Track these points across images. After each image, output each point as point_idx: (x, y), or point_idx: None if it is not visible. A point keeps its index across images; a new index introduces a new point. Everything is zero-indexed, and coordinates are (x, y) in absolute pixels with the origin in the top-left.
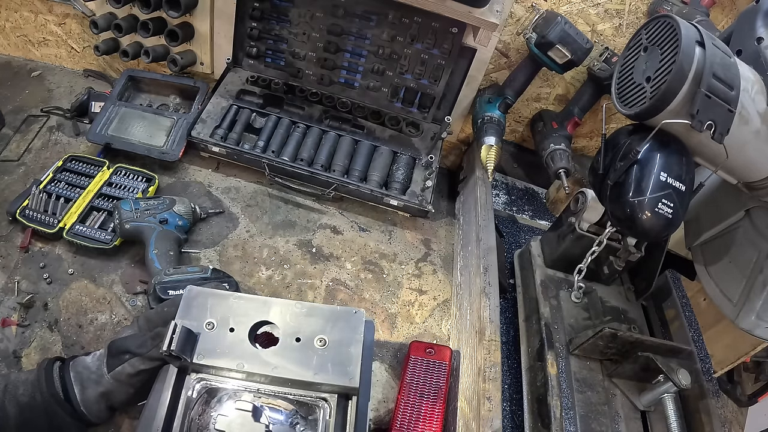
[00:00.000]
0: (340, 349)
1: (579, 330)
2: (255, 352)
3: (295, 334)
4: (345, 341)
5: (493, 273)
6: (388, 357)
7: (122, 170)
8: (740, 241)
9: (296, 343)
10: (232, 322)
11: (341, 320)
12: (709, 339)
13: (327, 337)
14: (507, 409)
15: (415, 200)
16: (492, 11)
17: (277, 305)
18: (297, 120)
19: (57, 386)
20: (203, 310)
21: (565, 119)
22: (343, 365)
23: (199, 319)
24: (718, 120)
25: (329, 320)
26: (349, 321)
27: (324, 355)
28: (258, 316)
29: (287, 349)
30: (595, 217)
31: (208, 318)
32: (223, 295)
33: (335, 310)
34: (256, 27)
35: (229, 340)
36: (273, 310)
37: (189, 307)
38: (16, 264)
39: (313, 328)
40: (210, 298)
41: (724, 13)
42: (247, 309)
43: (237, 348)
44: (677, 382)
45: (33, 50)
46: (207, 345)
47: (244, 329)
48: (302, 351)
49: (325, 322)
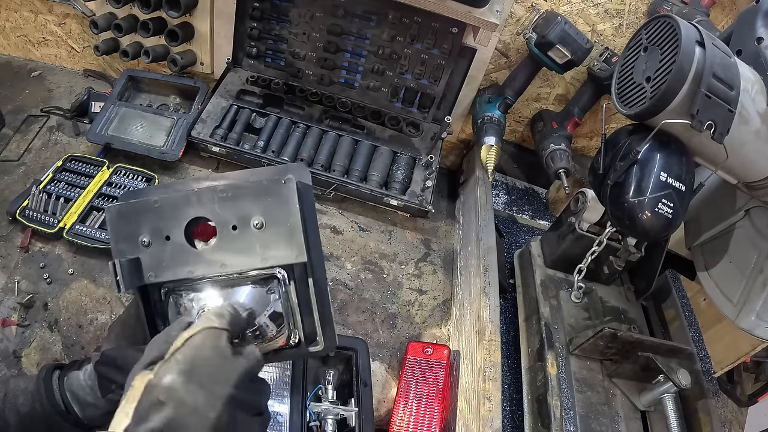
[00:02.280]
0: (279, 227)
1: (579, 330)
2: (197, 254)
3: (229, 222)
4: (281, 217)
5: (493, 273)
6: (387, 357)
7: (122, 170)
8: (740, 241)
9: (234, 232)
10: (164, 230)
11: (272, 195)
12: (709, 339)
13: (262, 218)
14: (507, 409)
15: (415, 200)
16: (492, 11)
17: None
18: (297, 120)
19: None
20: (133, 228)
21: (565, 119)
22: (287, 242)
23: (132, 239)
24: (718, 120)
25: (260, 198)
26: (281, 194)
27: (264, 237)
28: (187, 214)
29: (226, 240)
30: (595, 217)
31: (140, 234)
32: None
33: (262, 186)
34: (256, 27)
35: (169, 249)
36: (200, 203)
37: (117, 231)
38: (16, 264)
39: (245, 211)
40: (132, 213)
41: (724, 13)
42: (173, 211)
43: (179, 255)
44: (677, 382)
45: (33, 50)
46: (151, 262)
47: (179, 233)
48: (242, 239)
49: (257, 201)
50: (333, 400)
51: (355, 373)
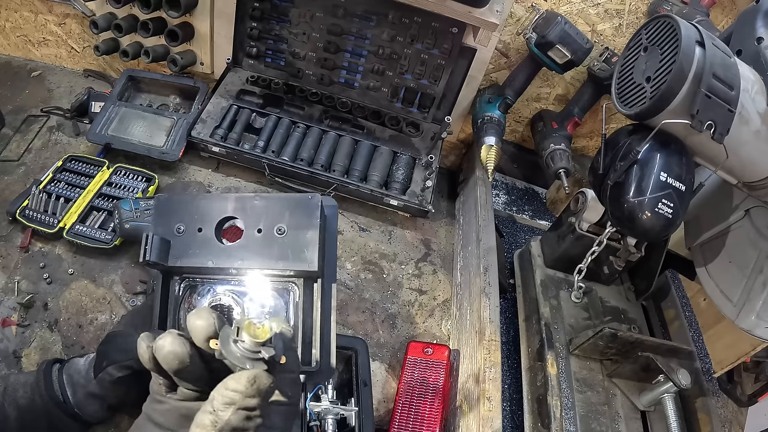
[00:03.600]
0: (298, 235)
1: (579, 330)
2: (222, 248)
3: (256, 226)
4: (302, 227)
5: (493, 273)
6: (387, 357)
7: (122, 170)
8: (740, 241)
9: (258, 234)
10: (199, 222)
11: (299, 208)
12: (709, 339)
13: (285, 225)
14: (507, 409)
15: (415, 200)
16: (492, 11)
17: (239, 200)
18: (297, 120)
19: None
20: (173, 216)
21: (565, 119)
22: (302, 250)
23: (170, 225)
24: (718, 120)
25: (287, 209)
26: (306, 207)
27: (283, 243)
28: (220, 212)
29: (250, 241)
30: (595, 217)
31: (177, 223)
32: (189, 198)
33: (292, 199)
34: (256, 27)
35: (199, 240)
36: (235, 206)
37: (159, 216)
38: (16, 264)
39: (272, 219)
40: (177, 203)
41: (724, 13)
42: (210, 208)
43: (206, 246)
44: (677, 382)
45: (33, 50)
46: (179, 248)
47: (210, 228)
48: (264, 242)
49: (284, 211)
50: (333, 399)
51: (355, 372)
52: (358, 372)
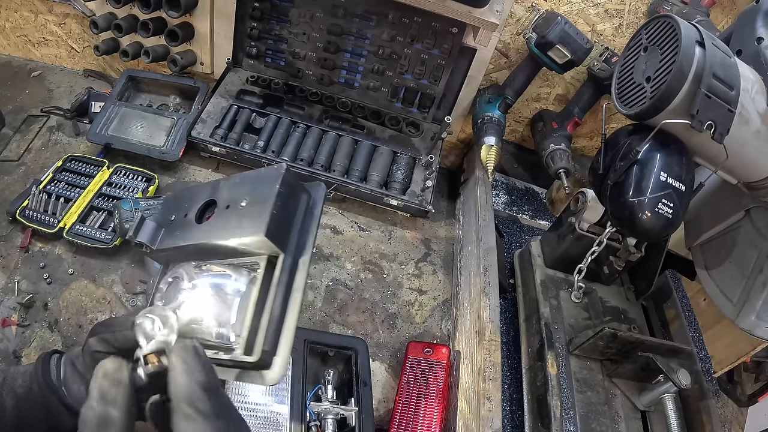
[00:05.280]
0: (257, 206)
1: (579, 330)
2: (197, 228)
3: (227, 203)
4: (262, 197)
5: (493, 273)
6: (387, 357)
7: (122, 170)
8: (740, 241)
9: (226, 210)
10: (186, 209)
11: (263, 179)
12: (709, 339)
13: (248, 197)
14: (507, 409)
15: (415, 200)
16: (492, 11)
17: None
18: (297, 120)
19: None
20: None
21: (565, 119)
22: (257, 220)
23: (167, 215)
24: (718, 120)
25: (256, 183)
26: (269, 177)
27: (241, 215)
28: (204, 197)
29: (218, 218)
30: (595, 217)
31: (173, 213)
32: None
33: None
34: (256, 27)
35: (183, 224)
36: (215, 188)
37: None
38: (16, 264)
39: (240, 193)
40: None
41: (724, 13)
42: (198, 194)
43: (186, 229)
44: (677, 382)
45: (33, 50)
46: (167, 233)
47: (193, 211)
48: (228, 216)
49: (253, 185)
50: (333, 399)
51: (354, 372)
52: (358, 372)
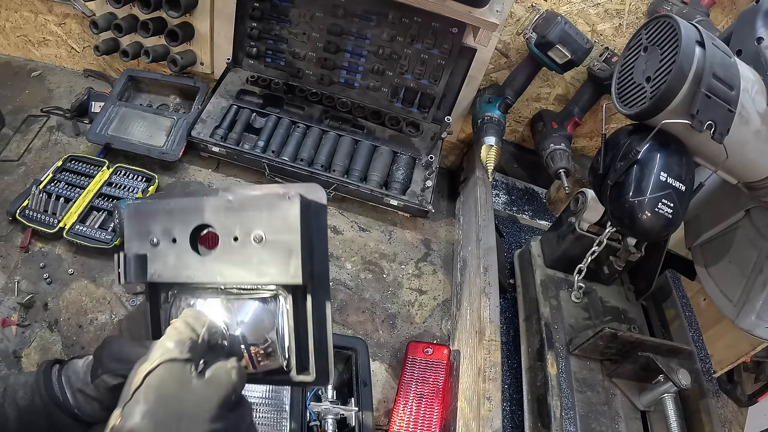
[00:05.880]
0: (278, 243)
1: (579, 330)
2: (200, 260)
3: (232, 232)
4: (282, 233)
5: (493, 273)
6: (387, 357)
7: (122, 170)
8: (740, 241)
9: (235, 243)
10: (172, 232)
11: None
12: (709, 339)
13: (263, 233)
14: (507, 409)
15: (415, 200)
16: (492, 11)
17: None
18: (297, 120)
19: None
20: (145, 227)
21: (565, 119)
22: (284, 260)
23: (143, 237)
24: (718, 120)
25: (263, 212)
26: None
27: (263, 253)
28: (194, 219)
29: (227, 250)
30: (595, 217)
31: (150, 233)
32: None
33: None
34: (256, 27)
35: (174, 252)
36: (208, 210)
37: (131, 227)
38: (16, 264)
39: (248, 224)
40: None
41: (724, 13)
42: (183, 215)
43: (183, 258)
44: (677, 382)
45: (33, 50)
46: (157, 262)
47: (185, 238)
48: (241, 251)
49: (260, 214)
50: (333, 399)
51: (355, 372)
52: (358, 372)
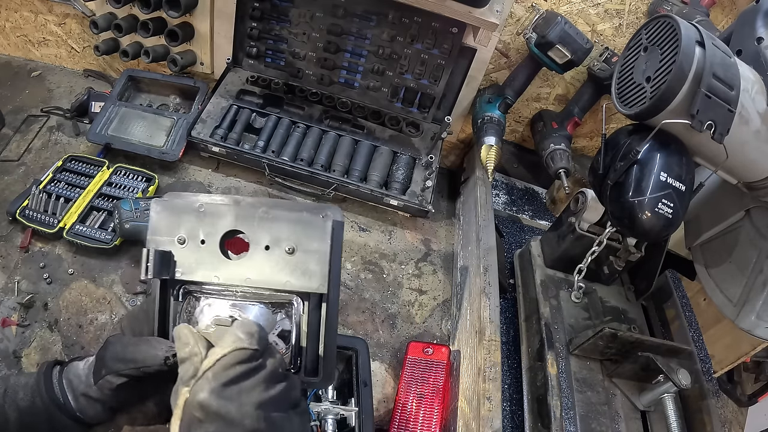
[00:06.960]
0: (308, 255)
1: (579, 330)
2: (227, 263)
3: (263, 241)
4: (312, 248)
5: (493, 273)
6: (387, 357)
7: (122, 170)
8: (740, 241)
9: (265, 251)
10: (201, 233)
11: (309, 226)
12: (709, 339)
13: (295, 244)
14: (507, 409)
15: (415, 200)
16: (492, 11)
17: (244, 210)
18: (297, 120)
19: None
20: (172, 225)
21: (565, 119)
22: (312, 273)
23: (170, 234)
24: (718, 120)
25: (297, 225)
26: (316, 227)
27: (292, 264)
28: (226, 225)
29: (257, 257)
30: (595, 217)
31: (178, 233)
32: (189, 205)
33: (301, 217)
34: (256, 27)
35: (202, 253)
36: (240, 217)
37: (158, 222)
38: (16, 264)
39: (280, 235)
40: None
41: (724, 13)
42: (214, 218)
43: (210, 260)
44: (677, 382)
45: (33, 50)
46: (182, 260)
47: (214, 240)
48: (271, 259)
49: (293, 227)
50: (333, 399)
51: (355, 372)
52: (358, 372)
